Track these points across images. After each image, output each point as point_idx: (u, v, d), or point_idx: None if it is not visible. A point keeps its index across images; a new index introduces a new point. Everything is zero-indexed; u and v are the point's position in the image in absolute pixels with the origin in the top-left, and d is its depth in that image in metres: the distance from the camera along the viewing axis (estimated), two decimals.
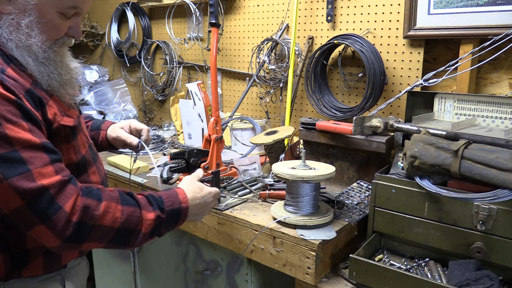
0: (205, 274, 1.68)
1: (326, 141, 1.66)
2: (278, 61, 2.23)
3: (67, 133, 1.09)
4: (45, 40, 1.05)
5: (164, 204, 1.10)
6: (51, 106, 1.06)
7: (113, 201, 1.02)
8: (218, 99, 2.06)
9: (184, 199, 1.15)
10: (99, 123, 1.53)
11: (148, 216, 1.06)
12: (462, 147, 1.15)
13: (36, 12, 1.01)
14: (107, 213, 1.00)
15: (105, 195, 1.02)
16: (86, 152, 1.18)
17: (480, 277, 1.10)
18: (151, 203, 1.09)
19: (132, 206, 1.05)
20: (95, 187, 1.04)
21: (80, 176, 1.14)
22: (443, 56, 1.74)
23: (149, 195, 1.11)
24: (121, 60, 3.24)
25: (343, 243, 1.37)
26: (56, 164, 0.97)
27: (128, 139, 1.45)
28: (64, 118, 1.09)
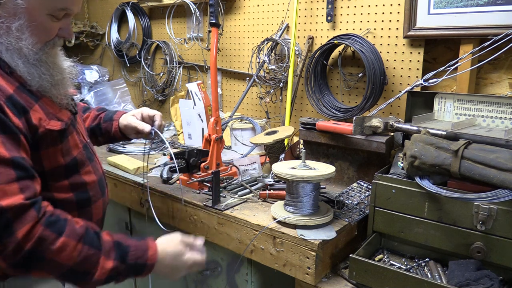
0: (205, 274, 1.68)
1: (326, 141, 1.66)
2: (278, 61, 2.23)
3: (54, 137, 1.08)
4: (36, 42, 1.05)
5: (128, 256, 1.06)
6: (36, 111, 1.05)
7: (74, 239, 0.99)
8: (218, 99, 2.06)
9: (152, 256, 1.10)
10: (111, 114, 1.52)
11: (106, 264, 1.03)
12: (462, 147, 1.15)
13: (26, 15, 1.01)
14: (62, 250, 0.97)
15: (68, 230, 0.99)
16: (78, 153, 1.17)
17: (480, 277, 1.10)
18: (115, 250, 1.05)
19: (94, 249, 1.02)
20: (63, 216, 1.02)
21: (71, 177, 1.14)
22: (443, 56, 1.74)
23: (116, 241, 1.07)
24: (121, 60, 3.24)
25: (343, 243, 1.37)
26: (22, 182, 0.95)
27: (140, 125, 1.43)
28: (51, 122, 1.08)
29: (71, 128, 1.17)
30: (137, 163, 1.96)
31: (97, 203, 1.24)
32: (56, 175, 1.11)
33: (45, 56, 1.09)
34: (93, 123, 1.51)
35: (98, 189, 1.24)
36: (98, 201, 1.24)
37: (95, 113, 1.54)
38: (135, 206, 1.84)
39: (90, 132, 1.51)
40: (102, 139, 1.54)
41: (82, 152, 1.20)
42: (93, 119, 1.52)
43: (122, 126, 1.48)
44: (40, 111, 1.06)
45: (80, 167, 1.18)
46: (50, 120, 1.08)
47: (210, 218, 1.51)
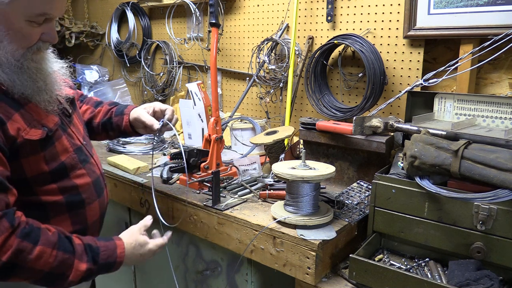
0: (205, 274, 1.68)
1: (326, 141, 1.66)
2: (278, 61, 2.23)
3: (34, 146, 1.08)
4: (16, 49, 1.03)
5: (99, 257, 1.12)
6: (14, 121, 1.04)
7: (49, 246, 1.03)
8: (218, 99, 2.06)
9: (121, 254, 1.17)
10: (123, 108, 1.51)
11: (80, 267, 1.08)
12: (462, 147, 1.15)
13: (2, 22, 0.99)
14: (40, 258, 1.01)
15: (43, 239, 1.03)
16: (67, 158, 1.17)
17: (480, 277, 1.10)
18: (87, 253, 1.10)
19: (67, 253, 1.06)
20: (36, 225, 1.04)
21: (59, 181, 1.14)
22: (443, 56, 1.74)
23: (87, 244, 1.12)
24: (121, 60, 3.24)
25: (343, 243, 1.37)
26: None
27: (148, 121, 1.42)
28: (31, 131, 1.07)
29: (60, 132, 1.17)
30: (137, 163, 1.96)
31: (91, 205, 1.24)
32: (40, 181, 1.11)
33: (27, 62, 1.07)
34: (105, 118, 1.51)
35: (93, 191, 1.24)
36: (93, 203, 1.24)
37: (107, 107, 1.53)
38: (135, 206, 1.84)
39: (102, 127, 1.51)
40: (113, 134, 1.54)
41: (73, 156, 1.19)
42: (104, 113, 1.52)
43: (132, 120, 1.46)
44: (20, 120, 1.06)
45: (70, 171, 1.17)
46: (31, 129, 1.07)
47: (210, 218, 1.51)
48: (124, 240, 1.21)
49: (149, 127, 1.42)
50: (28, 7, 1.00)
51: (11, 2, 0.97)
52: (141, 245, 1.23)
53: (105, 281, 2.30)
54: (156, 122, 1.41)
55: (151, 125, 1.41)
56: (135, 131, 1.50)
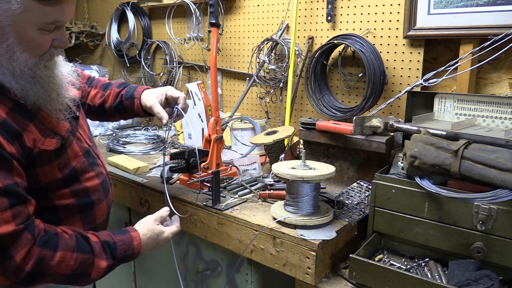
0: (205, 274, 1.68)
1: (326, 141, 1.66)
2: (278, 61, 2.23)
3: (49, 155, 1.09)
4: (29, 58, 1.02)
5: (117, 252, 1.15)
6: (30, 131, 1.04)
7: (69, 251, 1.06)
8: (218, 99, 2.06)
9: (138, 245, 1.20)
10: (132, 90, 1.50)
11: (100, 264, 1.11)
12: (462, 147, 1.15)
13: (15, 34, 0.97)
14: (61, 263, 1.04)
15: (61, 244, 1.05)
16: (78, 162, 1.18)
17: (480, 277, 1.10)
18: (105, 250, 1.13)
19: (87, 253, 1.09)
20: (53, 231, 1.06)
21: (70, 186, 1.15)
22: (443, 56, 1.74)
23: (104, 241, 1.14)
24: (121, 60, 3.24)
25: (343, 243, 1.36)
26: (15, 208, 0.98)
27: (159, 114, 1.41)
28: (46, 141, 1.08)
29: (71, 138, 1.17)
30: (137, 163, 1.96)
31: (100, 205, 1.25)
32: (54, 187, 1.12)
33: (40, 71, 1.06)
34: (116, 101, 1.50)
35: (101, 192, 1.25)
36: (101, 203, 1.26)
37: (115, 90, 1.52)
38: (135, 206, 1.84)
39: (114, 110, 1.50)
40: (127, 115, 1.54)
41: (83, 160, 1.20)
42: (114, 96, 1.51)
43: (144, 105, 1.45)
44: (35, 131, 1.06)
45: (81, 175, 1.18)
46: (46, 138, 1.08)
47: (210, 218, 1.51)
48: (140, 230, 1.23)
49: (159, 119, 1.41)
50: (40, 16, 0.98)
51: (23, 13, 0.95)
52: (157, 234, 1.25)
53: (105, 281, 2.30)
54: (166, 116, 1.40)
55: (161, 118, 1.40)
56: (148, 114, 1.49)
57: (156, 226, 1.27)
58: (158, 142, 2.40)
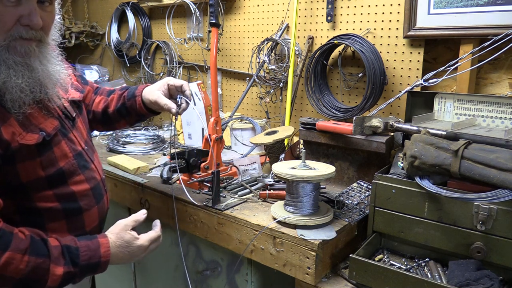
0: (205, 274, 1.68)
1: (326, 141, 1.66)
2: (278, 61, 2.23)
3: (30, 150, 1.03)
4: None
5: (79, 258, 1.04)
6: (10, 124, 0.99)
7: (19, 252, 0.95)
8: (218, 99, 2.06)
9: (105, 253, 1.09)
10: (133, 90, 1.46)
11: (56, 271, 1.00)
12: (462, 147, 1.15)
13: None
14: (9, 264, 0.94)
15: (13, 244, 0.95)
16: (66, 163, 1.12)
17: (480, 277, 1.10)
18: (64, 256, 1.02)
19: (41, 257, 0.99)
20: (8, 230, 0.97)
21: (56, 187, 1.10)
22: (443, 56, 1.74)
23: (65, 245, 1.04)
24: (121, 60, 3.24)
25: (343, 243, 1.37)
26: None
27: (166, 106, 1.36)
28: (27, 135, 1.02)
29: (59, 137, 1.12)
30: (137, 163, 1.96)
31: (90, 211, 1.19)
32: (36, 187, 1.07)
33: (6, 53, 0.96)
34: (118, 104, 1.46)
35: (91, 198, 1.20)
36: (91, 209, 1.20)
37: (118, 93, 1.48)
38: (135, 206, 1.84)
39: (118, 113, 1.46)
40: (131, 119, 1.49)
41: (72, 162, 1.14)
42: (117, 100, 1.47)
43: (147, 101, 1.40)
44: (15, 124, 1.01)
45: (68, 177, 1.13)
46: (27, 133, 1.02)
47: (210, 218, 1.51)
48: (109, 236, 1.13)
49: (167, 110, 1.37)
50: None
51: None
52: (128, 242, 1.14)
53: (105, 281, 2.30)
54: (173, 106, 1.36)
55: (169, 109, 1.36)
56: (151, 111, 1.45)
57: (127, 233, 1.15)
58: (158, 142, 2.40)
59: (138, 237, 1.17)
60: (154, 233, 1.22)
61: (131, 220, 1.19)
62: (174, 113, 1.36)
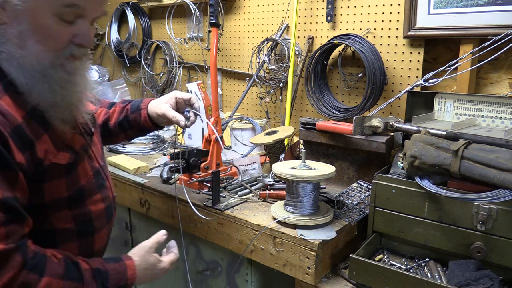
0: (205, 274, 1.68)
1: (326, 141, 1.66)
2: (278, 61, 2.23)
3: (60, 169, 0.99)
4: (43, 52, 0.91)
5: (108, 282, 1.04)
6: (43, 141, 0.95)
7: (56, 278, 0.93)
8: (218, 99, 2.06)
9: (132, 275, 1.09)
10: (138, 102, 1.43)
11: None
12: (462, 147, 1.15)
13: (28, 18, 0.87)
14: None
15: (49, 269, 0.93)
16: (87, 182, 1.08)
17: (480, 277, 1.10)
18: (96, 279, 1.01)
19: (75, 282, 0.97)
20: (42, 253, 0.94)
21: (74, 207, 1.05)
22: (443, 56, 1.74)
23: (96, 269, 1.02)
24: (121, 60, 3.24)
25: (343, 243, 1.37)
26: (10, 226, 0.86)
27: (175, 118, 1.34)
28: (59, 154, 0.98)
29: (83, 155, 1.08)
30: (137, 163, 1.96)
31: (101, 232, 1.15)
32: (57, 207, 1.03)
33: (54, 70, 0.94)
34: (120, 117, 1.42)
35: (103, 218, 1.15)
36: (102, 230, 1.16)
37: (120, 106, 1.45)
38: (135, 206, 1.84)
39: (118, 127, 1.43)
40: (132, 132, 1.46)
41: (92, 181, 1.10)
42: (119, 112, 1.43)
43: (153, 115, 1.38)
44: (48, 141, 0.96)
45: (87, 197, 1.09)
46: (59, 151, 0.98)
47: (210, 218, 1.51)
48: (135, 259, 1.12)
49: (176, 123, 1.35)
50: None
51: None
52: (153, 265, 1.15)
53: None
54: (182, 118, 1.35)
55: (178, 121, 1.34)
56: (156, 126, 1.43)
57: (152, 256, 1.17)
58: (158, 142, 2.40)
59: (161, 260, 1.19)
60: (174, 256, 1.24)
61: (153, 242, 1.20)
62: (183, 125, 1.35)
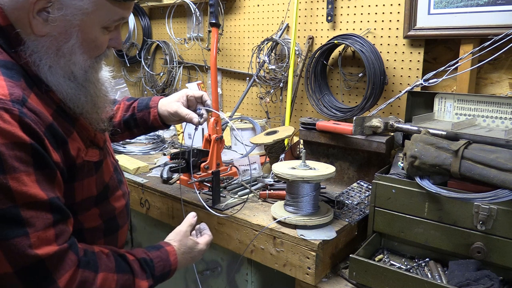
0: (205, 274, 1.68)
1: (326, 141, 1.66)
2: (278, 61, 2.23)
3: (90, 167, 0.99)
4: (87, 60, 0.93)
5: (155, 270, 1.06)
6: (74, 139, 0.94)
7: (110, 272, 0.96)
8: (218, 99, 2.06)
9: (174, 260, 1.11)
10: (146, 101, 1.40)
11: (142, 285, 1.01)
12: (462, 147, 1.15)
13: (79, 34, 0.89)
14: (103, 286, 0.93)
15: (101, 265, 0.95)
16: (110, 178, 1.08)
17: (480, 277, 1.10)
18: (145, 270, 1.03)
19: (127, 274, 0.99)
20: (90, 250, 0.95)
21: (100, 204, 1.05)
22: (443, 56, 1.74)
23: (142, 259, 1.04)
24: (121, 60, 3.24)
25: (343, 243, 1.37)
26: (59, 226, 0.86)
27: (188, 116, 1.32)
28: (89, 152, 0.98)
29: (106, 151, 1.08)
30: (137, 163, 1.96)
31: (123, 228, 1.16)
32: (86, 205, 1.02)
33: (92, 73, 0.97)
34: (126, 114, 1.40)
35: (125, 214, 1.16)
36: (124, 226, 1.17)
37: (126, 103, 1.42)
38: (135, 206, 1.84)
39: (124, 125, 1.40)
40: (138, 131, 1.43)
41: (114, 177, 1.10)
42: (124, 110, 1.41)
43: (164, 113, 1.36)
44: (78, 139, 0.96)
45: (111, 193, 1.09)
46: (88, 148, 0.98)
47: (210, 218, 1.51)
48: (174, 244, 1.15)
49: (189, 120, 1.34)
50: (108, 15, 0.90)
51: (94, 12, 0.87)
52: (191, 248, 1.18)
53: None
54: (195, 116, 1.33)
55: (191, 118, 1.33)
56: (165, 124, 1.41)
57: (189, 239, 1.19)
58: (158, 142, 2.39)
59: (198, 242, 1.21)
60: (208, 237, 1.26)
61: (187, 225, 1.22)
62: (196, 122, 1.33)
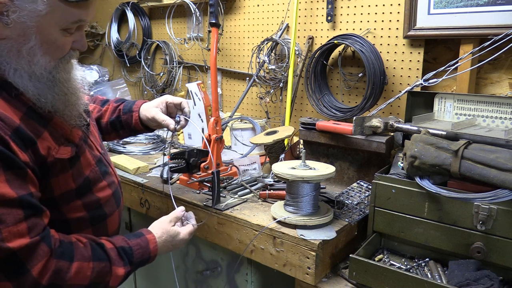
0: (205, 274, 1.68)
1: (326, 141, 1.66)
2: (278, 61, 2.23)
3: (63, 164, 1.03)
4: (50, 61, 0.98)
5: (134, 257, 1.11)
6: (44, 139, 0.99)
7: (85, 261, 1.01)
8: (218, 99, 2.06)
9: (154, 248, 1.16)
10: (130, 104, 1.46)
11: (118, 272, 1.07)
12: (462, 147, 1.15)
13: (38, 35, 0.93)
14: (78, 274, 0.99)
15: (77, 254, 1.00)
16: (91, 171, 1.13)
17: (480, 277, 1.10)
18: (122, 257, 1.08)
19: (103, 261, 1.04)
20: (67, 240, 1.01)
21: (83, 196, 1.10)
22: (443, 56, 1.74)
23: (120, 247, 1.09)
24: (121, 60, 3.24)
25: (343, 243, 1.37)
26: (30, 220, 0.92)
27: (164, 122, 1.37)
28: (60, 149, 1.03)
29: (83, 146, 1.12)
30: (137, 163, 1.96)
31: (112, 216, 1.21)
32: (66, 198, 1.07)
33: (60, 74, 1.01)
34: (112, 116, 1.45)
35: (113, 203, 1.20)
36: (113, 214, 1.21)
37: (113, 105, 1.48)
38: (135, 206, 1.84)
39: (110, 126, 1.46)
40: (123, 132, 1.49)
41: (95, 169, 1.15)
42: (111, 112, 1.46)
43: (144, 118, 1.41)
44: (49, 138, 1.01)
45: (93, 185, 1.13)
46: (60, 146, 1.03)
47: (210, 218, 1.51)
48: (155, 232, 1.20)
49: (165, 126, 1.38)
50: (65, 17, 0.94)
51: (49, 13, 0.91)
52: (172, 236, 1.22)
53: None
54: (172, 122, 1.37)
55: (167, 125, 1.37)
56: (147, 128, 1.45)
57: (172, 228, 1.23)
58: (158, 142, 2.39)
59: (179, 231, 1.25)
60: (192, 227, 1.30)
61: (172, 217, 1.27)
62: (172, 129, 1.37)
